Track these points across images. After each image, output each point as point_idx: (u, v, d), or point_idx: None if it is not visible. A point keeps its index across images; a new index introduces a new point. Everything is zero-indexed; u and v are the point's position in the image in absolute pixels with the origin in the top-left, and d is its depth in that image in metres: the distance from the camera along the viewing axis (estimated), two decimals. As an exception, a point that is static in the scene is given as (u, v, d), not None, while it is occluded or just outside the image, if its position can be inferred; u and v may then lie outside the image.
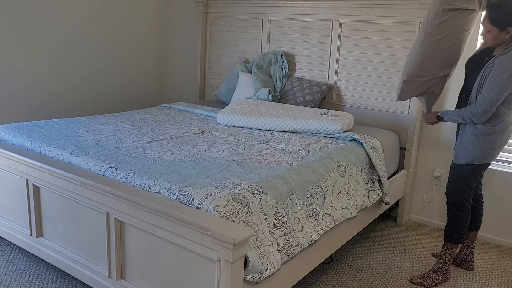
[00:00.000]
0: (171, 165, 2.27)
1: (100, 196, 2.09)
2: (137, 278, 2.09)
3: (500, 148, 2.54)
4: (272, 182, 2.14)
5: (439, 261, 2.70)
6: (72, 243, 2.34)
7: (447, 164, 3.39)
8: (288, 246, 2.06)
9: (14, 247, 2.82)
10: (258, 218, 1.94)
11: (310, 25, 3.74)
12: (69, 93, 4.02)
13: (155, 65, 4.79)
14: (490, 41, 2.41)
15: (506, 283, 2.76)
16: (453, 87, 3.24)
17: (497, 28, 2.34)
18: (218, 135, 2.93)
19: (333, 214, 2.44)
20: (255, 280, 1.85)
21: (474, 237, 2.82)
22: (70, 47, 3.96)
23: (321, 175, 2.44)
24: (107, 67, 4.30)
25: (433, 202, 3.48)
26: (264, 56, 3.94)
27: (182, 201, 1.93)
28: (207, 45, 4.42)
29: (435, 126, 3.35)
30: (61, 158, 2.43)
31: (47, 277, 2.53)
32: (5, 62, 3.54)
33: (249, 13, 4.06)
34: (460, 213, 2.61)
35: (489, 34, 2.38)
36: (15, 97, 3.64)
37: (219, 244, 1.67)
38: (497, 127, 2.45)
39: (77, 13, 3.95)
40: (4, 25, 3.48)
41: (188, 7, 4.50)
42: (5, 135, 2.78)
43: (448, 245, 2.67)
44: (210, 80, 4.48)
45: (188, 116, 3.52)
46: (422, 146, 3.48)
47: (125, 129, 2.98)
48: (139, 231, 2.01)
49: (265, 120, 3.13)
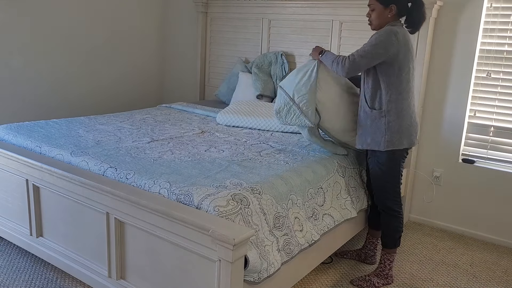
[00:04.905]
0: (171, 165, 2.27)
1: (100, 196, 2.09)
2: (137, 278, 2.09)
3: (396, 137, 2.43)
4: (272, 182, 2.14)
5: (379, 265, 2.69)
6: (72, 243, 2.34)
7: (447, 164, 3.40)
8: (288, 246, 2.06)
9: (14, 247, 2.82)
10: (258, 218, 1.94)
11: (310, 25, 3.74)
12: (69, 93, 4.02)
13: (155, 65, 4.78)
14: (374, 20, 2.43)
15: (506, 283, 2.76)
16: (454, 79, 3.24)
17: (381, 5, 2.38)
18: (218, 135, 2.93)
19: (333, 214, 2.44)
20: (255, 280, 1.85)
21: (379, 235, 2.81)
22: (70, 48, 3.95)
23: (321, 175, 2.44)
24: (107, 67, 4.30)
25: (433, 202, 3.48)
26: (264, 56, 3.94)
27: (182, 201, 1.93)
28: (207, 45, 4.42)
29: (436, 126, 3.35)
30: (61, 158, 2.43)
31: (47, 277, 2.53)
32: (5, 62, 3.54)
33: (249, 13, 4.06)
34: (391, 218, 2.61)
35: (374, 13, 2.41)
36: (15, 97, 3.64)
37: (219, 244, 1.67)
38: (382, 112, 2.40)
39: (77, 13, 3.95)
40: (4, 25, 3.48)
41: (188, 7, 4.50)
42: (5, 135, 2.78)
43: (385, 251, 2.66)
44: (210, 80, 4.48)
45: (188, 116, 3.52)
46: (422, 146, 3.48)
47: (125, 129, 2.97)
48: (139, 231, 2.01)
49: (265, 120, 3.13)
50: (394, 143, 2.44)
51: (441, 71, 3.32)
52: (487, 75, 3.22)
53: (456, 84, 3.29)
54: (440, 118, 3.37)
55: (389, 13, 2.38)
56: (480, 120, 3.30)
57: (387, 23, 2.40)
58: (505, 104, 3.19)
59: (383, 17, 2.39)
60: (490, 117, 3.26)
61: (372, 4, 2.42)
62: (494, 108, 3.23)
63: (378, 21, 2.41)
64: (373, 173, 2.57)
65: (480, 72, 3.24)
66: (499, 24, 3.13)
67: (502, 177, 3.20)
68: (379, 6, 2.38)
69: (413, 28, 2.43)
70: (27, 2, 3.58)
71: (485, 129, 3.28)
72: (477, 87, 3.26)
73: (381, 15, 2.39)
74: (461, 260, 3.02)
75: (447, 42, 3.27)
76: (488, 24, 3.16)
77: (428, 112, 3.38)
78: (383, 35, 2.33)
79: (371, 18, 2.45)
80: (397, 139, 2.44)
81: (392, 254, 2.64)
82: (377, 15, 2.40)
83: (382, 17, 2.40)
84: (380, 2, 2.38)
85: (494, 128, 3.25)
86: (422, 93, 3.34)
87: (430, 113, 3.37)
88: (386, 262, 2.64)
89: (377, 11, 2.40)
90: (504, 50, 3.14)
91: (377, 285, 2.62)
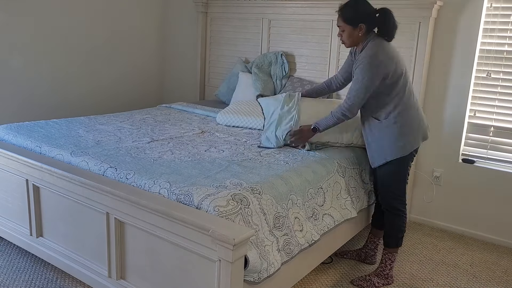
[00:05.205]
0: (171, 165, 2.27)
1: (100, 196, 2.09)
2: (137, 278, 2.09)
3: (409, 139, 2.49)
4: (272, 182, 2.14)
5: (380, 265, 2.69)
6: (72, 243, 2.34)
7: (447, 164, 3.40)
8: (288, 246, 2.06)
9: (14, 247, 2.82)
10: (258, 218, 1.94)
11: (310, 25, 3.74)
12: (69, 93, 4.02)
13: (155, 65, 4.78)
14: (346, 40, 2.46)
15: (506, 283, 2.76)
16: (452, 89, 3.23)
17: (350, 26, 2.41)
18: (218, 135, 2.93)
19: (333, 214, 2.44)
20: (255, 280, 1.85)
21: (381, 234, 2.81)
22: (70, 48, 3.95)
23: (321, 175, 2.44)
24: (107, 67, 4.30)
25: (433, 202, 3.48)
26: (264, 56, 3.94)
27: (182, 201, 1.93)
28: (207, 45, 4.42)
29: (436, 126, 3.35)
30: (61, 158, 2.43)
31: (47, 277, 2.53)
32: (5, 62, 3.54)
33: (249, 13, 4.06)
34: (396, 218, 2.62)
35: (344, 33, 2.44)
36: (15, 97, 3.64)
37: (219, 244, 1.67)
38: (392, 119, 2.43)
39: (77, 13, 3.95)
40: (4, 25, 3.48)
41: (188, 7, 4.50)
42: (5, 135, 2.78)
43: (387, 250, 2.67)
44: (210, 80, 4.48)
45: (188, 116, 3.52)
46: (422, 146, 3.46)
47: (125, 129, 2.97)
48: (139, 231, 2.01)
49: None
50: (412, 144, 2.50)
51: (441, 71, 3.32)
52: (487, 75, 3.22)
53: (456, 84, 3.29)
54: (440, 118, 3.37)
55: (360, 32, 2.41)
56: (480, 120, 3.30)
57: (360, 39, 2.43)
58: (505, 104, 3.19)
59: (354, 36, 2.43)
60: (490, 117, 3.26)
61: (341, 25, 2.45)
62: (494, 108, 3.23)
63: (350, 40, 2.45)
64: (381, 173, 2.57)
65: (480, 72, 3.24)
66: (499, 24, 3.13)
67: (502, 177, 3.20)
68: (348, 27, 2.42)
69: (388, 37, 2.45)
70: (27, 2, 3.58)
71: (485, 129, 3.28)
72: (477, 87, 3.26)
73: (352, 35, 2.43)
74: (461, 260, 3.02)
75: (447, 42, 3.27)
76: (488, 24, 3.16)
77: (428, 112, 3.37)
78: (366, 67, 2.34)
79: (342, 38, 2.48)
80: (412, 139, 2.49)
81: (394, 254, 2.64)
82: (347, 35, 2.44)
83: (353, 36, 2.43)
84: (348, 23, 2.41)
85: (494, 128, 3.25)
86: (422, 93, 3.34)
87: (430, 113, 3.37)
88: (387, 261, 2.64)
89: (347, 32, 2.44)
90: (504, 50, 3.14)
91: (377, 285, 2.62)
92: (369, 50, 2.37)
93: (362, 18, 2.39)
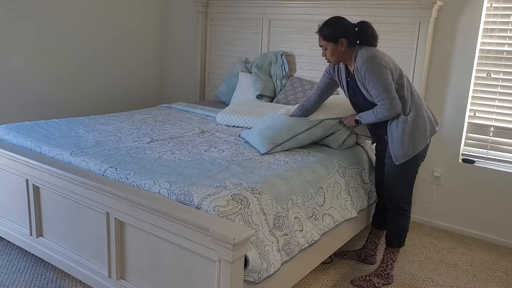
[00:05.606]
0: (171, 165, 2.27)
1: (100, 196, 2.09)
2: (137, 278, 2.09)
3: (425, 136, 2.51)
4: (272, 182, 2.14)
5: (381, 265, 2.69)
6: (72, 243, 2.34)
7: (447, 164, 3.40)
8: (288, 246, 2.06)
9: (14, 247, 2.82)
10: (258, 218, 1.94)
11: (310, 25, 3.74)
12: (69, 93, 4.02)
13: (155, 65, 4.79)
14: (330, 57, 2.46)
15: (506, 283, 2.76)
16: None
17: (331, 42, 2.41)
18: (218, 135, 2.93)
19: (333, 214, 2.44)
20: (255, 280, 1.85)
21: (381, 235, 2.82)
22: (70, 47, 3.96)
23: (321, 175, 2.44)
24: (107, 67, 4.30)
25: (433, 202, 3.48)
26: (264, 56, 3.94)
27: (182, 201, 1.93)
28: (207, 45, 4.42)
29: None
30: (61, 158, 2.43)
31: (47, 277, 2.53)
32: (6, 62, 3.54)
33: (249, 13, 4.06)
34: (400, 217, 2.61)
35: (327, 51, 2.45)
36: (15, 97, 3.64)
37: (219, 244, 1.68)
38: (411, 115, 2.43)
39: (77, 13, 3.95)
40: (4, 25, 3.48)
41: (188, 7, 4.50)
42: (5, 135, 2.78)
43: (390, 250, 2.66)
44: (210, 80, 4.48)
45: (188, 116, 3.52)
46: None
47: (125, 129, 2.97)
48: (139, 231, 2.01)
49: (265, 120, 3.13)
50: (432, 132, 2.53)
51: (441, 71, 3.32)
52: (487, 75, 3.22)
53: (456, 84, 3.29)
54: (440, 118, 3.36)
55: (342, 47, 2.41)
56: (480, 120, 3.30)
57: (344, 55, 2.43)
58: (505, 104, 3.19)
59: (337, 52, 2.43)
60: (490, 117, 3.26)
61: (323, 44, 2.45)
62: (494, 108, 3.23)
63: (335, 57, 2.45)
64: (390, 173, 2.55)
65: (480, 72, 3.24)
66: (499, 24, 3.13)
67: (502, 177, 3.20)
68: (330, 44, 2.42)
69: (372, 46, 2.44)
70: (27, 2, 3.58)
71: (485, 129, 3.28)
72: (477, 87, 3.27)
73: (335, 51, 2.43)
74: (461, 260, 3.02)
75: (447, 42, 3.27)
76: (488, 24, 3.16)
77: (428, 112, 3.37)
78: (371, 67, 2.33)
79: (327, 57, 2.48)
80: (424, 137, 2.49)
81: (396, 254, 2.65)
82: (331, 53, 2.44)
83: (336, 52, 2.43)
84: (329, 40, 2.42)
85: (494, 128, 3.25)
86: (422, 93, 3.34)
87: (430, 113, 3.37)
88: (388, 261, 2.64)
89: (330, 49, 2.44)
90: (504, 50, 3.14)
91: (377, 285, 2.62)
92: (363, 56, 2.36)
93: (341, 33, 2.40)
